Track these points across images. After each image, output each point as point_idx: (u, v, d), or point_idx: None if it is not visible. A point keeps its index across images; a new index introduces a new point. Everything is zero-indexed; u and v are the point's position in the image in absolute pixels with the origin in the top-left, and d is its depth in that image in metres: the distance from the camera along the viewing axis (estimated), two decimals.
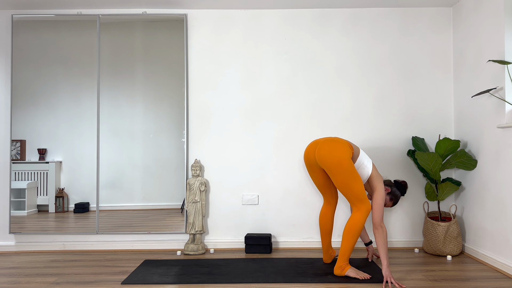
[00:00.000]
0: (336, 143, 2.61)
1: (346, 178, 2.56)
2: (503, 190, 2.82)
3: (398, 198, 2.89)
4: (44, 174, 3.46)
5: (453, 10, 3.52)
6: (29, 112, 3.47)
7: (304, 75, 3.55)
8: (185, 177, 3.48)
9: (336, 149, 2.58)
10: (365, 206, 2.60)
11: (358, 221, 2.59)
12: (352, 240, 2.60)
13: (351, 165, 2.56)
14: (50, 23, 3.50)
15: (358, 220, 2.59)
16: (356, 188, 2.57)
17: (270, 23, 3.57)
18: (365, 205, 2.60)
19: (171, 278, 2.67)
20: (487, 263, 2.97)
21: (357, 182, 2.57)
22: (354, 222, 2.59)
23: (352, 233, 2.59)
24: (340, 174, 2.56)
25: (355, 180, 2.57)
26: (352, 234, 2.59)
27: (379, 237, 2.55)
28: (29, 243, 3.49)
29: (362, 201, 2.60)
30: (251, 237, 3.34)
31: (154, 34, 3.52)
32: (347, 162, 2.55)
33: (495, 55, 2.91)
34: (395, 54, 3.54)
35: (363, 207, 2.60)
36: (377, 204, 2.61)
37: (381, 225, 2.56)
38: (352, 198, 2.60)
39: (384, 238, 2.55)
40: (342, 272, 2.62)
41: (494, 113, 2.92)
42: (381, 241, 2.54)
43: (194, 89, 3.56)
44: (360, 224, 2.59)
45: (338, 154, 2.55)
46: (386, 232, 2.58)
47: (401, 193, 2.91)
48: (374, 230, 2.59)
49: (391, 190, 2.87)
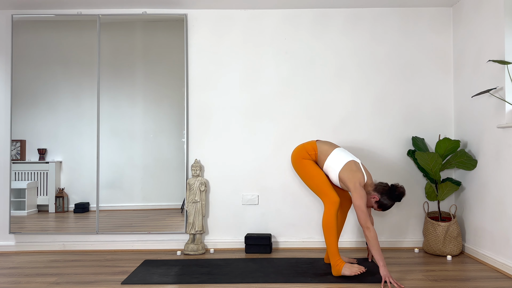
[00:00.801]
0: (296, 149, 2.87)
1: (303, 176, 2.78)
2: (503, 190, 2.82)
3: (389, 206, 2.70)
4: (44, 174, 3.46)
5: (453, 10, 3.52)
6: (29, 112, 3.47)
7: (304, 75, 3.55)
8: (185, 177, 3.48)
9: (292, 153, 2.88)
10: (327, 199, 2.65)
11: (326, 215, 2.64)
12: (328, 236, 2.62)
13: (302, 165, 2.77)
14: (50, 23, 3.50)
15: (325, 214, 2.64)
16: (314, 183, 2.71)
17: (270, 23, 3.57)
18: (327, 198, 2.66)
19: (171, 278, 2.67)
20: (487, 263, 2.97)
21: (313, 179, 2.72)
22: (323, 217, 2.65)
23: (325, 229, 2.63)
24: (299, 174, 2.82)
25: (311, 177, 2.73)
26: (326, 229, 2.62)
27: (367, 238, 2.54)
28: (29, 243, 3.49)
29: (324, 195, 2.67)
30: (251, 237, 3.34)
31: (154, 34, 3.52)
32: (297, 162, 2.80)
33: (495, 55, 2.91)
34: (395, 54, 3.54)
35: (326, 200, 2.66)
36: (357, 207, 2.56)
37: (367, 226, 2.53)
38: (317, 194, 2.73)
39: (373, 239, 2.52)
40: (338, 271, 2.62)
41: (494, 113, 2.92)
42: (370, 242, 2.52)
43: (194, 89, 3.56)
44: (328, 217, 2.62)
45: (292, 157, 2.86)
46: (375, 232, 2.54)
47: (395, 200, 2.70)
48: (363, 232, 2.60)
49: (379, 199, 2.69)
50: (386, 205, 2.69)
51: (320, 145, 2.82)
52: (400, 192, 2.68)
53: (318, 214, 3.51)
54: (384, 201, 2.69)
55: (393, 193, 2.68)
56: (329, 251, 2.64)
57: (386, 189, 2.69)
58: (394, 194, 2.67)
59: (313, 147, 2.82)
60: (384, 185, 2.71)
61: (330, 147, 2.81)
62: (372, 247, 2.52)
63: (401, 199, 2.69)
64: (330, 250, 2.63)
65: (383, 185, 2.71)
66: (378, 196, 2.68)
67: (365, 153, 3.52)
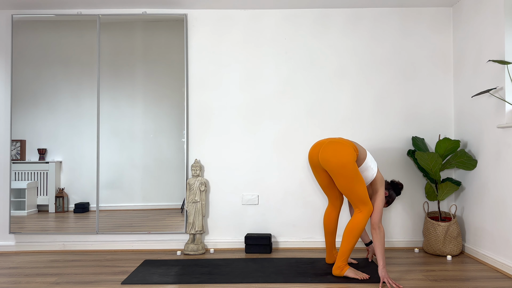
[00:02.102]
0: (340, 145, 2.56)
1: (350, 181, 2.52)
2: (503, 190, 2.82)
3: (391, 202, 2.98)
4: (44, 174, 3.46)
5: (453, 10, 3.52)
6: (29, 112, 3.47)
7: (304, 75, 3.55)
8: (185, 177, 3.48)
9: (340, 152, 2.52)
10: (367, 208, 2.61)
11: (359, 223, 2.60)
12: (352, 241, 2.61)
13: (354, 168, 2.52)
14: (50, 23, 3.50)
15: (359, 221, 2.60)
16: (360, 191, 2.56)
17: (270, 23, 3.57)
18: (367, 207, 2.61)
19: (171, 278, 2.67)
20: (487, 263, 2.97)
21: (360, 185, 2.56)
22: (356, 223, 2.60)
23: (353, 234, 2.60)
24: (343, 177, 2.52)
25: (358, 183, 2.55)
26: (353, 235, 2.60)
27: (376, 237, 2.57)
28: (29, 243, 3.49)
29: (365, 204, 2.61)
30: (251, 237, 3.34)
31: (154, 34, 3.52)
32: (350, 165, 2.50)
33: (495, 55, 2.91)
34: (395, 54, 3.54)
35: (366, 209, 2.61)
36: (378, 207, 2.66)
37: (379, 226, 2.59)
38: (355, 200, 2.60)
39: (382, 238, 2.56)
40: (341, 272, 2.63)
41: (494, 113, 2.92)
42: (378, 241, 2.56)
43: (194, 89, 3.56)
44: (362, 225, 2.60)
45: (342, 157, 2.50)
46: (384, 233, 2.59)
47: (398, 194, 2.99)
48: (372, 230, 2.60)
49: (389, 193, 2.94)
50: (394, 198, 2.96)
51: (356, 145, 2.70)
52: (401, 186, 2.98)
53: (318, 214, 3.51)
54: (392, 196, 2.94)
55: (396, 187, 2.96)
56: (343, 253, 2.63)
57: (391, 185, 2.97)
58: (397, 188, 2.96)
59: (354, 146, 2.62)
60: (387, 181, 3.00)
61: (362, 147, 2.77)
62: (379, 246, 2.55)
63: (400, 192, 2.99)
64: (345, 252, 2.63)
65: (387, 182, 2.99)
66: (387, 192, 2.92)
67: None
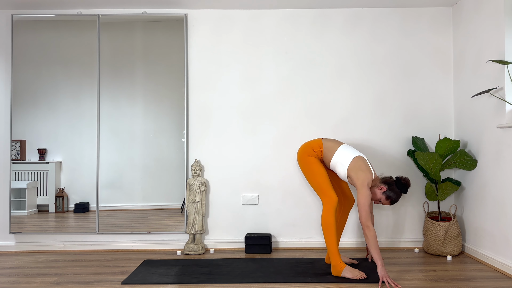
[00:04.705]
0: (302, 146, 2.88)
1: (306, 174, 2.79)
2: (503, 190, 2.82)
3: (396, 197, 2.71)
4: (44, 174, 3.46)
5: (453, 10, 3.52)
6: (29, 112, 3.47)
7: (304, 75, 3.55)
8: (185, 177, 3.48)
9: (298, 150, 2.88)
10: (326, 198, 2.67)
11: (324, 214, 2.66)
12: (327, 235, 2.64)
13: (306, 161, 2.78)
14: (50, 23, 3.50)
15: (324, 213, 2.66)
16: (315, 182, 2.72)
17: (270, 23, 3.57)
18: (326, 197, 2.67)
19: (171, 278, 2.67)
20: (487, 263, 2.97)
21: (314, 177, 2.73)
22: (322, 216, 2.67)
23: (324, 229, 2.65)
24: (303, 172, 2.84)
25: (313, 175, 2.74)
26: (325, 228, 2.64)
27: (366, 238, 2.56)
28: (29, 243, 3.49)
29: (323, 194, 2.69)
30: (251, 237, 3.34)
31: (154, 34, 3.52)
32: (303, 160, 2.81)
33: (495, 55, 2.91)
34: (395, 54, 3.54)
35: (325, 199, 2.68)
36: (360, 205, 2.59)
37: (367, 225, 2.55)
38: (317, 193, 2.75)
39: (372, 238, 2.53)
40: (339, 272, 2.63)
41: (494, 113, 2.92)
42: (369, 241, 2.54)
43: (194, 89, 3.56)
44: (327, 216, 2.64)
45: (298, 154, 2.87)
46: (374, 232, 2.55)
47: (401, 191, 2.72)
48: (363, 231, 2.62)
49: (387, 189, 2.70)
50: (393, 196, 2.71)
51: (325, 142, 2.86)
52: (406, 182, 2.73)
53: (318, 214, 3.51)
54: (392, 191, 2.70)
55: (399, 183, 2.72)
56: (329, 251, 2.65)
57: (393, 180, 2.74)
58: (400, 183, 2.72)
59: (319, 144, 2.84)
60: (390, 177, 2.78)
61: (336, 143, 2.85)
62: (371, 246, 2.53)
63: (407, 189, 2.74)
64: (330, 250, 2.65)
65: (389, 177, 2.79)
66: (386, 186, 2.71)
67: (365, 153, 3.52)
